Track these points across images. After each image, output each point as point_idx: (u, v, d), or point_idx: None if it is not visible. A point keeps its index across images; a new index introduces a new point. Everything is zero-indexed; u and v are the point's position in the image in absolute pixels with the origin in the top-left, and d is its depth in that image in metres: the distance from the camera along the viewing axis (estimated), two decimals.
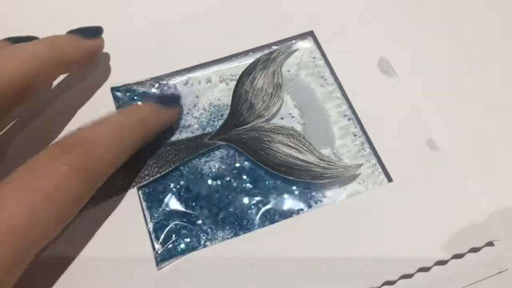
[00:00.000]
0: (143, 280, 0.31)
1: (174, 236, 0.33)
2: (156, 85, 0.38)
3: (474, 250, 0.32)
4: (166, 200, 0.34)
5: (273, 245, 0.32)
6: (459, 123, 0.37)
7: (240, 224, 0.34)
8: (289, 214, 0.34)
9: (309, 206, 0.34)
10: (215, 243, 0.33)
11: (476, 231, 0.32)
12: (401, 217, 0.33)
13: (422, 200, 0.33)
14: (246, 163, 0.36)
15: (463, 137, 0.36)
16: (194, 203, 0.34)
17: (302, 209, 0.34)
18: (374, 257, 0.32)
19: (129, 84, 0.38)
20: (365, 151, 0.36)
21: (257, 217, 0.34)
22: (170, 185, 0.35)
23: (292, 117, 0.37)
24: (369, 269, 0.31)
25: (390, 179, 0.35)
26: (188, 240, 0.33)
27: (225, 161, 0.36)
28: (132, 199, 0.34)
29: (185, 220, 0.34)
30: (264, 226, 0.33)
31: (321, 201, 0.34)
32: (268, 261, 0.32)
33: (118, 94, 0.38)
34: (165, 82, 0.39)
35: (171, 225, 0.33)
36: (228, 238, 0.33)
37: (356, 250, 0.32)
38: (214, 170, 0.36)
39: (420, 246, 0.32)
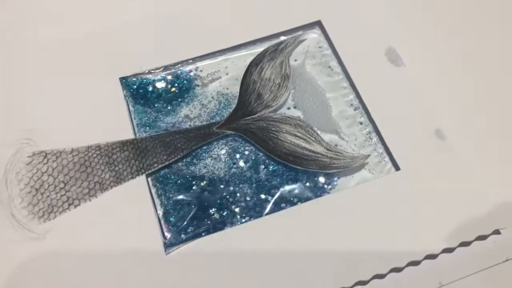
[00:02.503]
0: (152, 264, 0.31)
1: (182, 222, 0.33)
2: (165, 73, 0.39)
3: (481, 238, 0.32)
4: (175, 187, 0.35)
5: (279, 232, 0.32)
6: (466, 113, 0.37)
7: (248, 211, 0.34)
8: (296, 202, 0.34)
9: (317, 194, 0.34)
10: (222, 229, 0.33)
11: (483, 219, 0.32)
12: (408, 205, 0.33)
13: (430, 188, 0.34)
14: (253, 152, 0.36)
15: (470, 127, 0.37)
16: (202, 190, 0.35)
17: (309, 197, 0.34)
18: (381, 245, 0.32)
19: (138, 74, 0.39)
20: (372, 140, 0.36)
21: (265, 205, 0.34)
22: (179, 172, 0.35)
23: (299, 107, 0.38)
24: (375, 256, 0.32)
25: (397, 168, 0.35)
26: (196, 226, 0.33)
27: (233, 150, 0.36)
28: (140, 186, 0.34)
29: (193, 206, 0.34)
30: (271, 213, 0.34)
31: (328, 189, 0.35)
32: (274, 248, 0.32)
33: (127, 83, 0.38)
34: (174, 70, 0.39)
35: (179, 211, 0.34)
36: (235, 225, 0.33)
37: (363, 237, 0.32)
38: (222, 158, 0.36)
39: (427, 233, 0.32)
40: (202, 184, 0.35)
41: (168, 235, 0.33)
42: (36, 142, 0.35)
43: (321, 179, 0.35)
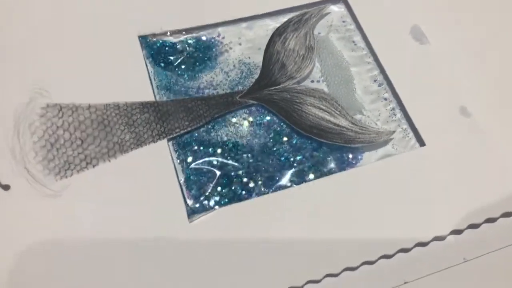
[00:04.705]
0: (175, 232, 0.30)
1: (205, 190, 0.32)
2: (186, 36, 0.37)
3: (507, 215, 0.32)
4: (198, 154, 0.33)
5: (302, 204, 0.32)
6: (491, 90, 0.37)
7: (270, 181, 0.33)
8: (321, 174, 0.33)
9: (341, 168, 0.34)
10: (245, 200, 0.32)
11: (509, 196, 0.33)
12: (433, 180, 0.33)
13: (454, 164, 0.34)
14: (276, 123, 0.35)
15: (494, 104, 0.37)
16: (226, 159, 0.33)
17: (333, 171, 0.34)
18: (405, 219, 0.32)
19: (157, 34, 0.37)
20: (396, 116, 0.36)
21: (289, 176, 0.33)
22: (201, 139, 0.34)
23: (322, 80, 0.37)
24: (400, 230, 0.31)
25: (422, 144, 0.35)
26: (219, 194, 0.32)
27: (256, 120, 0.35)
28: (162, 151, 0.32)
29: (216, 175, 0.33)
30: (294, 185, 0.33)
31: (353, 163, 0.34)
32: (296, 219, 0.31)
33: (147, 44, 0.37)
34: (195, 34, 0.37)
35: (202, 179, 0.32)
36: (258, 195, 0.32)
37: (387, 211, 0.32)
38: (245, 128, 0.35)
39: (452, 209, 0.32)
40: (224, 153, 0.33)
41: (190, 202, 0.31)
42: (50, 93, 0.33)
43: (346, 153, 0.34)
